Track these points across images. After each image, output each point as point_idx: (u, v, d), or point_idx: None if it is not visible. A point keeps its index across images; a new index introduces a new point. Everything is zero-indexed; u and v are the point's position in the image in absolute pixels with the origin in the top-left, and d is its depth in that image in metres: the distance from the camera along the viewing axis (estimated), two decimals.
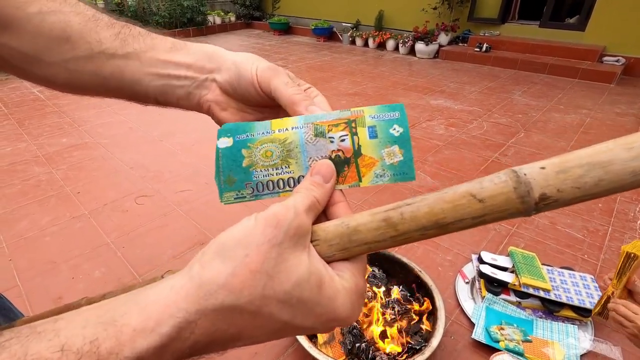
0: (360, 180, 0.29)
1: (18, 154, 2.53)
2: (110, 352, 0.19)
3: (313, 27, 6.58)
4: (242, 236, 0.22)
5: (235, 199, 0.30)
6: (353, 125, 0.29)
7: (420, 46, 5.25)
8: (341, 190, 0.30)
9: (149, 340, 0.19)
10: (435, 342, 1.05)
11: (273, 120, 0.30)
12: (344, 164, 0.29)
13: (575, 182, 0.20)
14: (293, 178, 0.30)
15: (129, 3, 6.59)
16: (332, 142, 0.29)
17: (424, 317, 1.21)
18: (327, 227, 0.25)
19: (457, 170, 2.30)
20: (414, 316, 1.21)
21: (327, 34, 6.59)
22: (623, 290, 0.88)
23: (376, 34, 5.89)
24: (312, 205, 0.26)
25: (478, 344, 1.23)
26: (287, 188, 0.30)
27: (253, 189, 0.30)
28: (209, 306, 0.20)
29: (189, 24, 6.85)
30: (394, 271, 1.36)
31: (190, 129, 2.91)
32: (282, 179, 0.30)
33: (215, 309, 0.21)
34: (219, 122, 0.37)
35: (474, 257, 1.54)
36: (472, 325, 1.28)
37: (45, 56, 0.32)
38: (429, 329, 1.16)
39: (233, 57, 0.35)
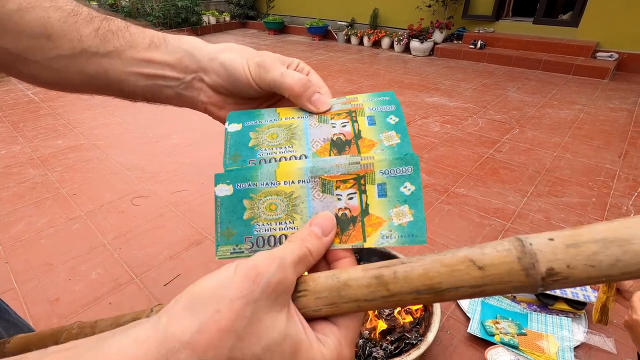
0: (364, 241, 0.27)
1: (13, 156, 2.52)
2: None
3: (308, 26, 6.58)
4: (217, 288, 0.20)
5: (231, 253, 0.28)
6: (362, 182, 0.28)
7: (415, 44, 5.26)
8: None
9: None
10: (431, 336, 1.06)
11: (277, 170, 0.29)
12: (350, 222, 0.28)
13: (589, 259, 0.18)
14: None
15: (123, 4, 6.56)
16: (339, 199, 0.28)
17: (420, 313, 1.22)
18: (317, 278, 0.24)
19: (453, 167, 2.31)
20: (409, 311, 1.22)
21: (322, 33, 6.59)
22: (611, 289, 0.89)
23: (371, 32, 5.90)
24: (303, 258, 0.24)
25: (473, 338, 1.24)
26: None
27: (252, 243, 0.28)
28: None
29: (183, 24, 6.82)
30: None
31: (186, 129, 2.91)
32: (285, 235, 0.28)
33: None
34: (219, 120, 0.37)
35: None
36: (468, 319, 1.30)
37: (28, 54, 0.32)
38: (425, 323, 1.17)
39: (217, 56, 0.34)
